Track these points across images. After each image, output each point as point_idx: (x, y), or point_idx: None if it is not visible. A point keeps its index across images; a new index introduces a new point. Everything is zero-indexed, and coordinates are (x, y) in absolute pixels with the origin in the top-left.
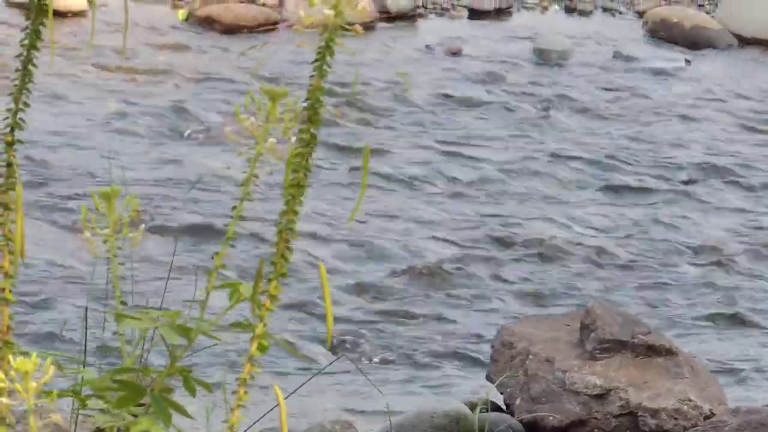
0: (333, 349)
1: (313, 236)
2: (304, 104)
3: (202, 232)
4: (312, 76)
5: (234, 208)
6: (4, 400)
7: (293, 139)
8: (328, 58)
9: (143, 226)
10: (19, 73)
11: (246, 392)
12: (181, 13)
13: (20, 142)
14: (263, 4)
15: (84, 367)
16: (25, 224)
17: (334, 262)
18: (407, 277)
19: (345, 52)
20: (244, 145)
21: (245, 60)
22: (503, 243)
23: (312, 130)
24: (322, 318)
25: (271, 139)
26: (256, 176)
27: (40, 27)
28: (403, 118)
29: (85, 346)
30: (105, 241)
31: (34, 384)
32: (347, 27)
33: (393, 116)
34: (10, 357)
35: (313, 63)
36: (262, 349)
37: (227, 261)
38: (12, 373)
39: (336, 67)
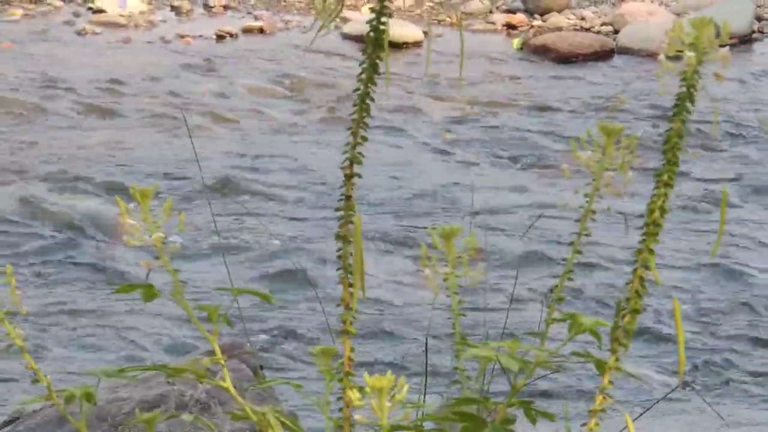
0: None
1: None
2: (663, 147)
3: (539, 262)
4: (671, 121)
5: (571, 243)
6: (360, 417)
7: (630, 174)
8: (687, 104)
9: (482, 264)
10: (357, 107)
11: (597, 423)
12: (516, 42)
13: (358, 175)
14: (598, 32)
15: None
16: (364, 256)
17: (673, 288)
18: (752, 302)
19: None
20: (581, 181)
21: (579, 88)
22: None
23: (671, 173)
24: (661, 345)
25: (608, 174)
26: (593, 212)
27: (377, 61)
28: (745, 146)
29: (426, 376)
30: (445, 280)
31: (388, 403)
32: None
33: (733, 144)
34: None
35: (673, 108)
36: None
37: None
38: (367, 390)
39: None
